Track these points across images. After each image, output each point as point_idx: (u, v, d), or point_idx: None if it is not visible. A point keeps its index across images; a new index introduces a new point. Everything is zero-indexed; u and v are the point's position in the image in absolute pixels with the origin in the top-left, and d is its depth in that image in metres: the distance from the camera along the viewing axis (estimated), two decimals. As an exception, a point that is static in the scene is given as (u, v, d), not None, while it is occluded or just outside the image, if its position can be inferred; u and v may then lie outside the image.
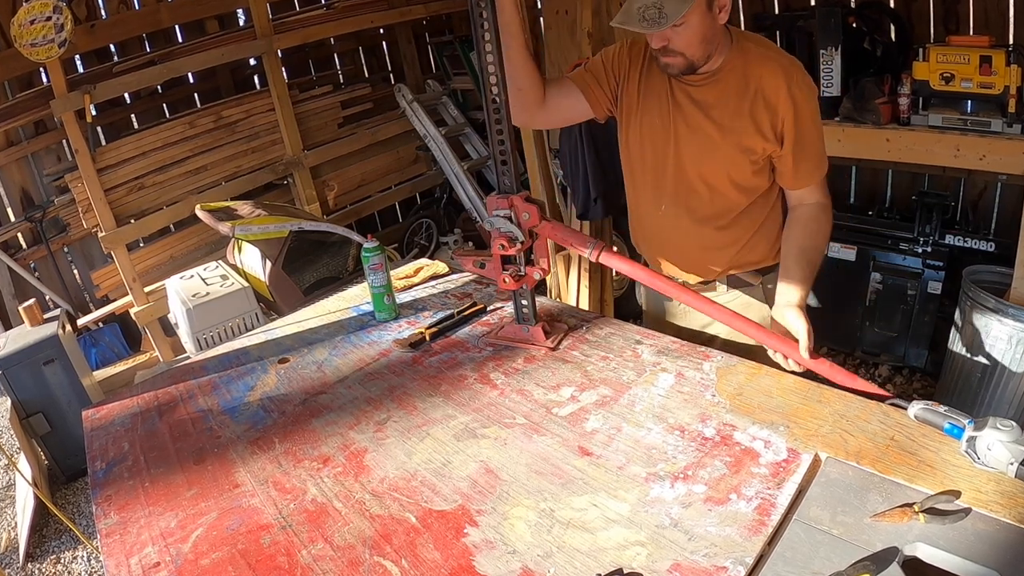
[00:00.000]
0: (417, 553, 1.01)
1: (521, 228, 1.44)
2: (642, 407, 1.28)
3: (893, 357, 2.95)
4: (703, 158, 1.45)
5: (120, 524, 1.16)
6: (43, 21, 3.06)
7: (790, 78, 1.36)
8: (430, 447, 1.25)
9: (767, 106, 1.37)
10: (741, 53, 1.39)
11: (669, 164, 1.50)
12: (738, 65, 1.39)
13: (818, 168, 1.46)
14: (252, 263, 3.25)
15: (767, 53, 1.41)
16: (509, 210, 1.44)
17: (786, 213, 1.53)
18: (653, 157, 1.52)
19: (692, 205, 1.51)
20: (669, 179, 1.51)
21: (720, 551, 0.94)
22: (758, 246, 1.56)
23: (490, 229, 1.47)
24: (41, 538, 2.82)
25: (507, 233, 1.45)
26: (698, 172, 1.47)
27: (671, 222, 1.55)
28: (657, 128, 1.49)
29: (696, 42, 1.32)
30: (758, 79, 1.37)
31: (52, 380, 2.97)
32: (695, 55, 1.35)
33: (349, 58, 4.96)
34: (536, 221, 1.44)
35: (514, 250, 1.46)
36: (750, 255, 1.56)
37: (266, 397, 1.51)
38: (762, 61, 1.38)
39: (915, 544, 0.89)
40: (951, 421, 1.05)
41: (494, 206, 1.45)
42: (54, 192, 3.78)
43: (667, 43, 1.33)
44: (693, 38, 1.31)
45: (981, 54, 2.27)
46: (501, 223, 1.45)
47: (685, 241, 1.57)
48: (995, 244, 2.57)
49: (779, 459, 1.09)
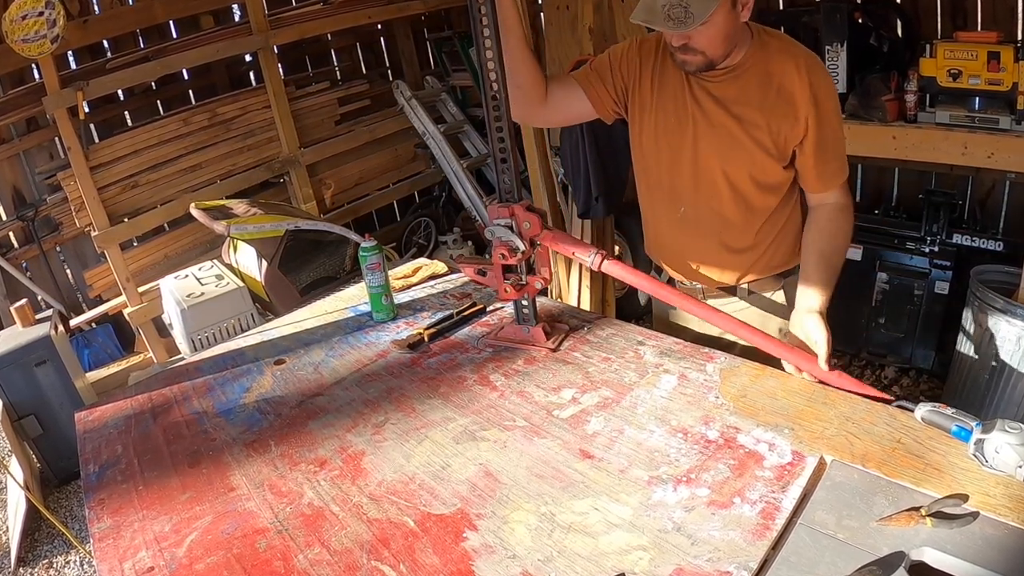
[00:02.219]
0: (415, 558, 1.01)
1: (522, 237, 1.44)
2: (644, 409, 1.28)
3: (899, 358, 2.95)
4: (725, 155, 1.43)
5: (113, 528, 1.16)
6: (35, 16, 3.06)
7: (812, 75, 1.36)
8: (429, 450, 1.25)
9: (789, 102, 1.36)
10: (762, 48, 1.38)
11: (687, 163, 1.47)
12: (759, 60, 1.38)
13: (841, 170, 1.44)
14: (248, 263, 3.25)
15: (788, 48, 1.40)
16: (510, 219, 1.44)
17: (806, 214, 1.52)
18: (670, 156, 1.49)
19: (713, 206, 1.48)
20: (688, 179, 1.48)
21: (724, 556, 0.93)
22: (780, 248, 1.54)
23: (491, 238, 1.47)
24: (33, 542, 2.82)
25: (508, 242, 1.45)
26: (720, 170, 1.44)
27: (691, 225, 1.52)
28: (673, 126, 1.46)
29: (719, 40, 1.32)
30: (780, 75, 1.36)
31: (44, 382, 2.96)
32: (715, 53, 1.34)
33: (346, 54, 4.96)
34: (537, 230, 1.44)
35: (515, 260, 1.46)
36: (772, 258, 1.54)
37: (262, 399, 1.51)
38: (783, 57, 1.38)
39: (922, 549, 0.89)
40: (959, 423, 1.05)
41: (495, 215, 1.46)
42: (46, 190, 3.78)
43: (688, 40, 1.32)
44: (716, 36, 1.30)
45: (989, 50, 2.27)
46: (502, 232, 1.45)
47: (706, 245, 1.54)
48: (1003, 243, 2.57)
49: (784, 462, 1.09)
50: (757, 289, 1.58)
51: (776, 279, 1.57)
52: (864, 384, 1.28)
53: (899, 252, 2.81)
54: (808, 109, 1.36)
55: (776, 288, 1.58)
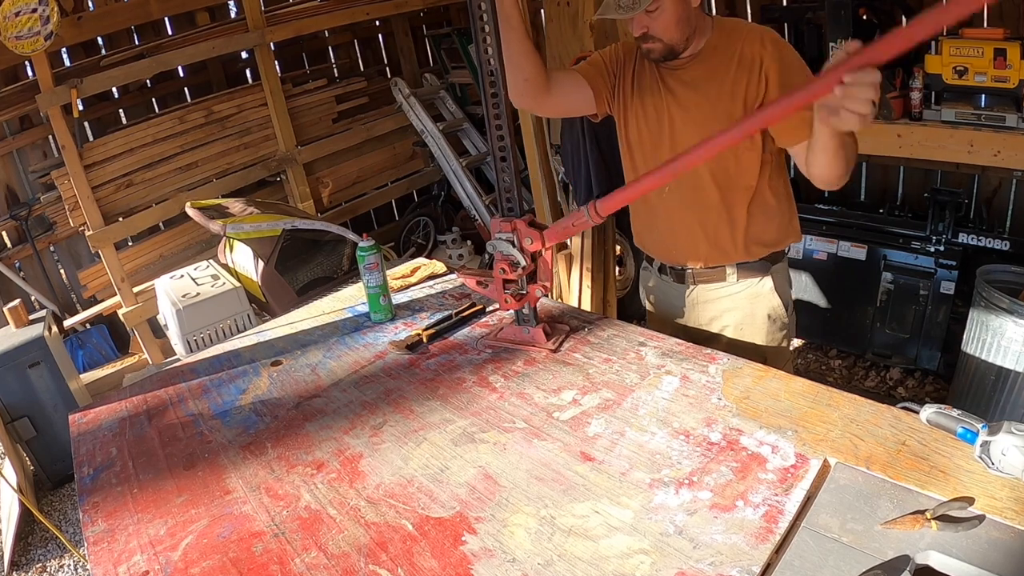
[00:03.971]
0: (414, 561, 1.01)
1: (523, 253, 1.46)
2: (646, 411, 1.28)
3: (905, 359, 2.95)
4: (699, 132, 1.47)
5: (108, 532, 1.16)
6: (28, 13, 3.06)
7: (764, 36, 1.46)
8: (427, 452, 1.25)
9: (749, 67, 1.45)
10: (722, 32, 1.50)
11: (666, 148, 1.55)
12: (721, 43, 1.49)
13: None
14: (244, 262, 3.25)
15: (745, 25, 1.53)
16: (512, 233, 1.45)
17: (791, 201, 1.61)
18: (651, 142, 1.59)
19: (694, 182, 1.55)
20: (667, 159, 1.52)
21: (726, 559, 0.94)
22: (767, 228, 1.59)
23: (492, 252, 1.49)
24: (27, 546, 2.82)
25: (509, 256, 1.46)
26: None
27: (675, 204, 1.60)
28: (652, 118, 1.57)
29: (672, 25, 1.43)
30: (739, 49, 1.46)
31: (38, 383, 2.97)
32: (673, 38, 1.45)
33: (344, 51, 4.97)
34: (539, 246, 1.46)
35: (515, 275, 1.48)
36: (759, 236, 1.59)
37: (258, 401, 1.51)
38: (741, 31, 1.49)
39: (927, 552, 0.89)
40: (964, 425, 1.05)
41: (497, 228, 1.47)
42: (40, 189, 3.78)
43: (647, 29, 1.44)
44: (670, 21, 1.42)
45: (995, 47, 2.27)
46: (503, 246, 1.47)
47: (692, 222, 1.60)
48: (1010, 243, 2.57)
49: (787, 465, 1.09)
50: (746, 275, 1.62)
51: (763, 264, 1.62)
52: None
53: (904, 252, 2.81)
54: (770, 63, 1.43)
55: (764, 275, 1.62)
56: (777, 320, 1.65)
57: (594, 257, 3.16)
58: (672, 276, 1.70)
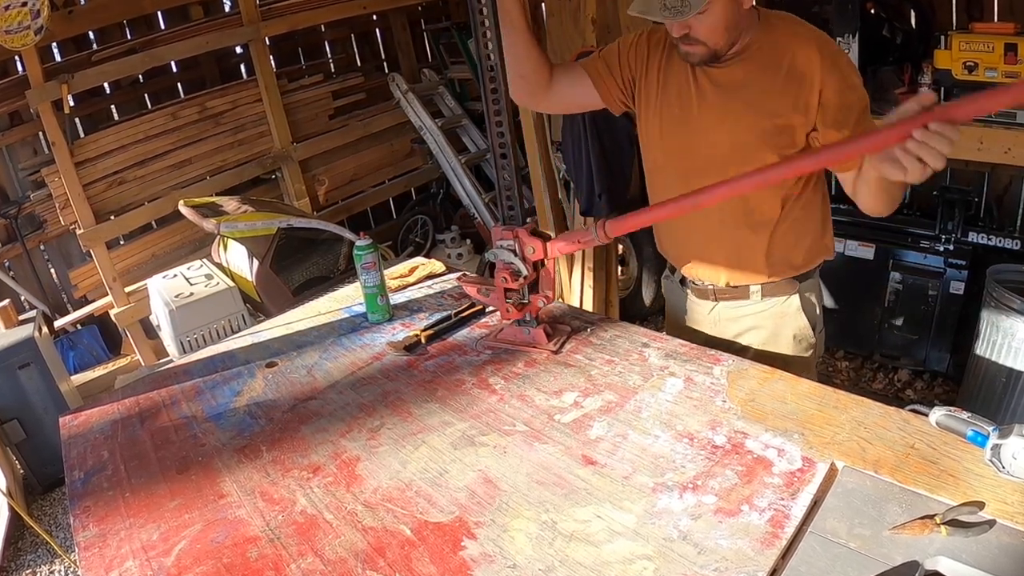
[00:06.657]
0: (412, 567, 1.01)
1: (525, 262, 1.44)
2: (649, 413, 1.28)
3: (913, 360, 2.95)
4: (735, 143, 1.40)
5: (99, 536, 1.16)
6: (18, 7, 3.05)
7: (822, 46, 1.33)
8: (426, 455, 1.25)
9: (800, 80, 1.32)
10: (768, 30, 1.37)
11: (694, 155, 1.45)
12: (766, 43, 1.36)
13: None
14: (238, 262, 3.26)
15: (797, 29, 1.38)
16: (513, 241, 1.45)
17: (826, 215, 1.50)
18: (678, 149, 1.48)
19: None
20: (697, 171, 1.45)
21: (731, 565, 0.94)
22: (796, 247, 1.51)
23: (493, 260, 1.48)
24: (16, 551, 2.82)
25: (510, 265, 1.46)
26: (730, 159, 1.40)
27: (701, 218, 1.48)
28: (678, 118, 1.46)
29: (720, 30, 1.30)
30: (791, 55, 1.33)
31: (28, 385, 2.96)
32: (717, 43, 1.32)
33: (341, 46, 4.96)
34: (541, 256, 1.44)
35: (517, 284, 1.47)
36: (787, 256, 1.51)
37: (253, 403, 1.51)
38: (791, 36, 1.35)
39: (936, 558, 0.89)
40: (974, 428, 1.05)
41: (498, 236, 1.46)
42: (30, 187, 3.78)
43: (688, 31, 1.31)
44: (717, 25, 1.29)
45: (1006, 42, 2.27)
46: (505, 255, 1.46)
47: (718, 238, 1.53)
48: (1021, 242, 2.57)
49: (793, 468, 1.09)
50: (772, 293, 1.55)
51: (791, 282, 1.54)
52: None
53: (913, 251, 2.81)
54: (827, 81, 1.31)
55: (791, 292, 1.55)
56: (803, 340, 1.58)
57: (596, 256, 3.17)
58: (694, 291, 1.64)
